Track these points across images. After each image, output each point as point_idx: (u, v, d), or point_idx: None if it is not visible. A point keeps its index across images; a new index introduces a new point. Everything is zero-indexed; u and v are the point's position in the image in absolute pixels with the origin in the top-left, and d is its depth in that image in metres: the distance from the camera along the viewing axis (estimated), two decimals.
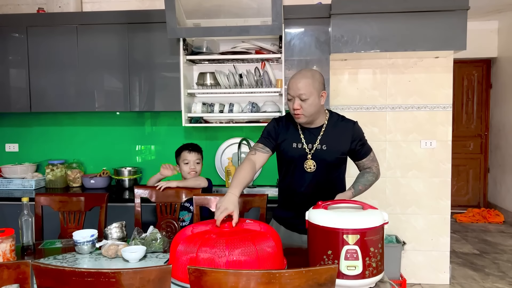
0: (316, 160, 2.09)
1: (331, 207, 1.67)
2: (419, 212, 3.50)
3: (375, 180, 2.19)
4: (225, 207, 1.78)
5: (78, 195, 2.38)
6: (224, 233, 1.63)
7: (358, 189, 2.11)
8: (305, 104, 1.98)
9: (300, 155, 2.10)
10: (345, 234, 1.52)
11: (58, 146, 3.75)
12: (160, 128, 3.67)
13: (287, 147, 2.13)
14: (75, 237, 2.01)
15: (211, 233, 1.62)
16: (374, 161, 2.21)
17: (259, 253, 1.52)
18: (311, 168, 2.10)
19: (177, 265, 1.55)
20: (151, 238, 2.02)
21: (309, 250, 1.64)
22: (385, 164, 3.51)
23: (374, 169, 2.20)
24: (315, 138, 2.10)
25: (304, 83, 1.97)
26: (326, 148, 2.08)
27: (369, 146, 2.20)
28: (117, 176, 3.51)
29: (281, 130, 2.16)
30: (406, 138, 3.49)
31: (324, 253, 1.55)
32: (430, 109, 3.46)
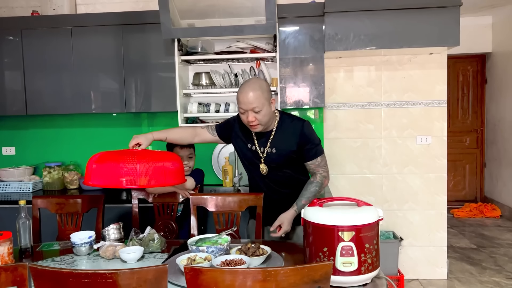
0: (267, 163, 2.16)
1: (326, 205, 1.68)
2: (416, 208, 3.52)
3: (319, 190, 2.14)
4: (137, 137, 2.03)
5: (75, 197, 2.39)
6: (128, 152, 1.83)
7: (301, 205, 2.09)
8: (259, 115, 2.03)
9: (254, 158, 2.18)
10: (340, 231, 1.53)
11: (55, 148, 3.75)
12: (157, 129, 3.66)
13: (242, 147, 2.22)
14: (72, 239, 2.02)
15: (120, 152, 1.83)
16: (321, 167, 2.16)
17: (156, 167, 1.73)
18: (264, 171, 2.18)
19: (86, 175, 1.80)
20: (149, 239, 2.03)
21: (305, 247, 1.66)
22: (381, 161, 3.53)
23: (319, 177, 2.14)
24: (266, 141, 2.16)
25: (254, 97, 1.99)
26: (276, 151, 2.13)
27: (319, 149, 2.16)
28: None
29: (236, 129, 2.24)
30: (401, 135, 3.51)
31: (319, 250, 1.56)
32: (425, 105, 3.47)
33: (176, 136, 2.25)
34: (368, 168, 3.54)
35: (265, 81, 2.12)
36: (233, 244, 1.92)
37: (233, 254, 1.74)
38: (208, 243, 1.86)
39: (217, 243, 1.86)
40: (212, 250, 1.76)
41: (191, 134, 2.29)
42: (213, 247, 1.77)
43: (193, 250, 1.79)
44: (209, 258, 1.70)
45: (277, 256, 1.82)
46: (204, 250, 1.76)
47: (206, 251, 1.76)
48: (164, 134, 2.19)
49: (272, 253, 1.83)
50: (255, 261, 1.72)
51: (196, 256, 1.70)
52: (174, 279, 1.58)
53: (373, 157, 3.53)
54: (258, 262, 1.73)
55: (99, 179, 1.73)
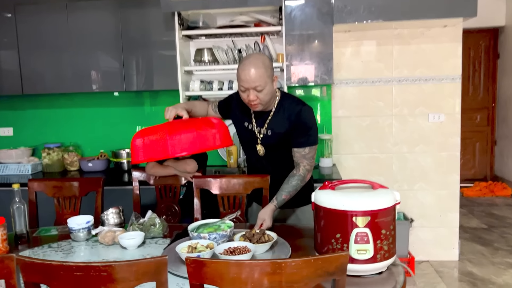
0: (264, 145, 2.05)
1: (339, 188, 1.56)
2: (427, 188, 3.40)
3: (301, 183, 1.97)
4: (174, 107, 1.88)
5: (73, 180, 2.28)
6: (172, 123, 1.74)
7: (282, 199, 1.93)
8: (261, 94, 1.89)
9: (251, 138, 2.07)
10: (355, 216, 1.42)
11: (54, 129, 3.64)
12: (159, 108, 3.55)
13: (240, 126, 2.11)
14: (69, 224, 1.92)
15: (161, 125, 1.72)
16: (307, 159, 1.98)
17: (199, 135, 1.64)
18: (261, 152, 2.07)
19: (133, 153, 1.67)
20: (150, 223, 1.93)
21: (316, 233, 1.55)
22: (391, 140, 3.39)
23: (302, 170, 1.97)
24: (263, 122, 2.03)
25: (257, 74, 1.84)
26: (271, 133, 2.01)
27: (311, 139, 1.98)
28: (115, 158, 3.41)
29: (234, 106, 2.13)
30: (413, 112, 3.36)
31: (332, 237, 1.45)
32: (438, 81, 3.31)
33: (197, 112, 2.14)
34: (377, 148, 3.41)
35: (267, 56, 1.97)
36: (237, 230, 1.81)
37: (236, 241, 1.64)
38: (210, 229, 1.75)
39: (219, 229, 1.75)
40: (214, 237, 1.65)
41: (204, 111, 2.21)
42: (215, 234, 1.66)
43: (194, 237, 1.69)
44: (211, 246, 1.59)
45: (283, 242, 1.72)
46: (205, 237, 1.66)
47: (208, 238, 1.65)
48: (190, 106, 2.07)
49: (278, 239, 1.72)
50: (260, 248, 1.61)
51: (197, 244, 1.59)
52: (174, 268, 1.48)
53: (383, 136, 3.39)
54: (264, 249, 1.63)
55: (149, 154, 1.64)
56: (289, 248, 1.66)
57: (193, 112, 2.07)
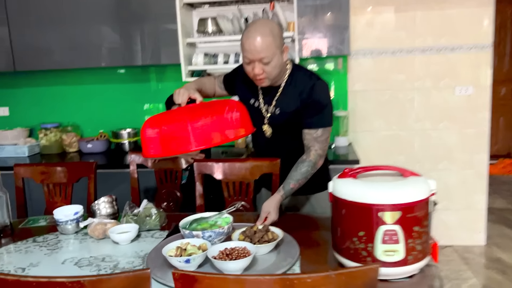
0: (271, 125, 1.80)
1: (361, 176, 1.32)
2: (452, 168, 3.13)
3: (311, 170, 1.71)
4: (185, 89, 1.58)
5: (61, 165, 2.07)
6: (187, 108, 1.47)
7: (289, 189, 1.69)
8: (268, 67, 1.62)
9: (257, 118, 1.79)
10: (382, 211, 1.18)
11: (51, 108, 3.43)
12: (164, 85, 3.30)
13: (245, 103, 1.83)
14: (56, 215, 1.72)
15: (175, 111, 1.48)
16: (318, 142, 1.72)
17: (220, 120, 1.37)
18: (267, 134, 1.82)
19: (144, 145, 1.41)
20: (145, 214, 1.71)
21: (334, 229, 1.31)
22: (413, 115, 3.11)
23: (313, 155, 1.71)
24: (271, 99, 1.76)
25: (264, 44, 1.57)
26: (279, 112, 1.76)
27: (325, 120, 1.73)
28: (115, 139, 3.20)
29: (239, 80, 1.87)
30: (437, 85, 3.06)
31: (353, 235, 1.22)
32: (466, 50, 3.00)
33: (207, 91, 1.91)
34: (397, 124, 3.13)
35: (276, 23, 1.69)
36: (237, 224, 1.58)
37: (235, 241, 1.41)
38: (204, 225, 1.53)
39: (216, 226, 1.52)
40: (209, 235, 1.42)
41: (213, 88, 1.96)
42: (210, 232, 1.42)
43: (186, 235, 1.45)
44: (204, 247, 1.36)
45: (290, 240, 1.48)
46: (199, 236, 1.42)
47: (202, 237, 1.42)
48: (199, 83, 1.83)
49: (285, 236, 1.49)
50: (262, 249, 1.39)
51: (187, 245, 1.37)
52: (159, 274, 1.26)
53: (404, 112, 3.11)
54: (266, 250, 1.40)
55: (167, 147, 1.38)
56: (297, 248, 1.42)
57: (203, 91, 1.83)
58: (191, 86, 1.68)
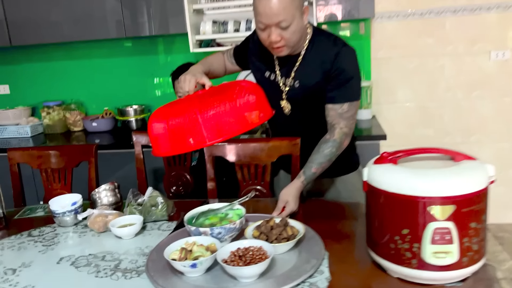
0: (290, 101, 1.56)
1: (403, 161, 1.09)
2: (485, 141, 2.88)
3: (336, 152, 1.48)
4: (192, 74, 1.36)
5: (59, 149, 1.88)
6: (196, 96, 1.26)
7: (311, 174, 1.47)
8: (287, 32, 1.37)
9: (274, 92, 1.55)
10: (431, 205, 0.96)
11: (53, 85, 3.24)
12: (173, 57, 3.08)
13: (259, 76, 1.62)
14: (52, 206, 1.54)
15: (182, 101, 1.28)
16: (344, 119, 1.48)
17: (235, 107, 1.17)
18: (286, 111, 1.58)
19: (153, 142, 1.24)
20: (150, 204, 1.53)
21: (370, 224, 1.11)
22: (442, 84, 2.84)
23: (337, 134, 1.48)
24: (289, 70, 1.52)
25: (281, 5, 1.32)
26: (299, 85, 1.52)
27: (352, 93, 1.49)
28: (121, 116, 3.01)
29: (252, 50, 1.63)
30: (471, 50, 2.78)
31: (396, 233, 1.01)
32: (503, 9, 2.69)
33: (216, 71, 1.68)
34: (426, 94, 2.87)
35: None
36: (251, 215, 1.37)
37: (249, 239, 1.21)
38: (213, 220, 1.33)
39: (226, 220, 1.32)
40: (218, 232, 1.22)
41: (222, 67, 1.72)
42: (220, 228, 1.22)
43: (192, 231, 1.25)
44: (212, 248, 1.16)
45: (313, 235, 1.26)
46: (206, 233, 1.22)
47: (210, 234, 1.22)
48: (206, 64, 1.60)
49: (307, 231, 1.27)
50: (280, 248, 1.19)
51: (193, 245, 1.17)
52: (161, 282, 1.09)
53: (433, 80, 2.84)
54: (285, 249, 1.20)
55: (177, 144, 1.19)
56: (321, 245, 1.21)
57: (211, 72, 1.60)
58: (198, 70, 1.45)
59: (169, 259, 1.13)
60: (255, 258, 1.11)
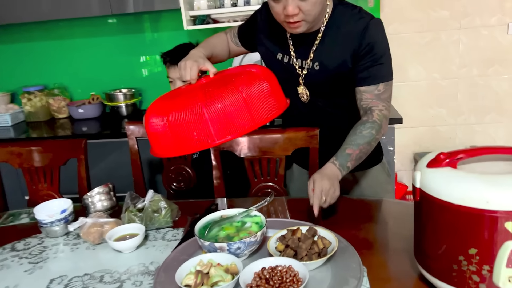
0: (309, 87, 1.34)
1: (464, 163, 0.91)
2: (501, 120, 2.72)
3: (376, 135, 1.25)
4: (193, 60, 1.14)
5: (42, 144, 1.66)
6: (200, 86, 1.07)
7: (345, 155, 1.21)
8: (307, 3, 1.15)
9: (288, 77, 1.35)
10: (508, 220, 0.78)
11: (33, 68, 2.97)
12: (156, 34, 2.83)
13: (270, 58, 1.39)
14: (38, 215, 1.34)
15: (184, 92, 1.09)
16: (382, 100, 1.28)
17: (247, 98, 0.99)
18: (304, 98, 1.37)
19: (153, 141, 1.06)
20: (152, 209, 1.33)
21: (423, 240, 0.93)
22: (457, 61, 2.65)
23: (377, 115, 1.26)
24: (307, 51, 1.30)
25: None
26: (320, 67, 1.30)
27: (386, 71, 1.29)
28: (110, 102, 2.77)
29: (261, 29, 1.40)
30: (488, 22, 2.58)
31: (459, 252, 0.83)
32: None
33: (219, 55, 1.46)
34: (439, 72, 2.68)
35: None
36: (268, 220, 1.16)
37: (275, 256, 1.01)
38: (229, 230, 1.13)
39: (243, 229, 1.13)
40: (237, 248, 1.03)
41: (226, 49, 1.50)
42: (239, 243, 1.02)
43: (205, 247, 1.05)
44: (233, 270, 0.97)
45: (346, 246, 1.07)
46: (223, 249, 1.03)
47: (228, 250, 1.03)
48: (208, 47, 1.37)
49: (340, 243, 1.07)
50: (311, 266, 1.00)
51: (210, 267, 0.98)
52: None
53: (447, 56, 2.65)
54: (316, 266, 1.02)
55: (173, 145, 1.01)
56: (357, 258, 1.02)
57: (214, 56, 1.38)
58: (199, 54, 1.23)
59: (183, 286, 0.94)
60: (285, 281, 0.93)
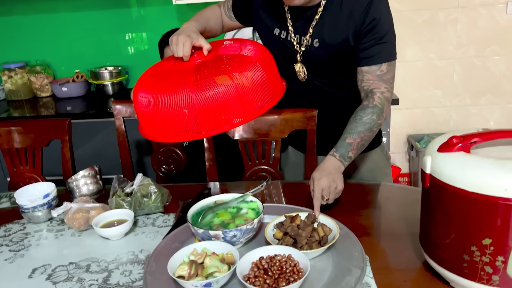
0: (307, 64, 1.27)
1: (478, 148, 0.85)
2: (497, 102, 2.68)
3: (378, 120, 1.18)
4: (186, 35, 1.04)
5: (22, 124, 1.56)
6: (191, 68, 0.99)
7: (345, 144, 1.15)
8: None
9: (285, 54, 1.28)
10: None
11: (13, 44, 2.82)
12: (143, 10, 2.69)
13: (266, 34, 1.32)
14: (18, 199, 1.26)
15: (175, 71, 1.03)
16: (384, 81, 1.21)
17: (238, 86, 0.93)
18: (301, 77, 1.29)
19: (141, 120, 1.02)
20: (141, 194, 1.26)
21: (432, 228, 0.88)
22: (454, 41, 2.59)
23: (377, 99, 1.19)
24: (306, 26, 1.23)
25: None
26: (319, 44, 1.22)
27: (389, 50, 1.22)
28: (95, 80, 2.65)
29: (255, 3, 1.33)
30: (486, 1, 2.51)
31: (473, 242, 0.78)
32: None
33: (213, 29, 1.37)
34: (436, 52, 2.61)
35: None
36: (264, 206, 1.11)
37: (273, 245, 0.96)
38: (223, 215, 1.07)
39: (239, 216, 1.07)
40: (233, 236, 0.97)
41: (220, 22, 1.42)
42: (235, 231, 0.97)
43: (199, 234, 0.99)
44: (229, 260, 0.92)
45: (347, 233, 1.02)
46: (218, 237, 0.97)
47: (223, 238, 0.97)
48: (202, 21, 1.27)
49: (341, 229, 1.02)
50: (311, 254, 0.95)
51: (204, 257, 0.92)
52: None
53: (444, 36, 2.58)
54: (317, 254, 0.97)
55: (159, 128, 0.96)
56: (359, 246, 0.97)
57: (207, 30, 1.29)
58: (192, 29, 1.13)
59: (175, 277, 0.88)
60: (285, 272, 0.87)
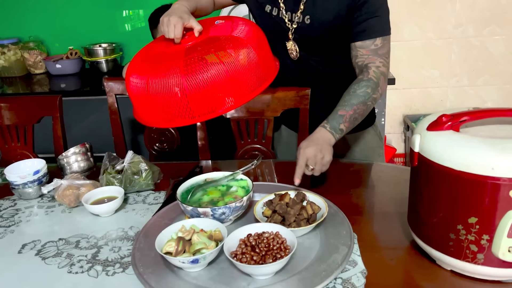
0: (298, 42, 1.25)
1: (467, 126, 0.84)
2: (494, 83, 2.66)
3: (372, 94, 1.14)
4: (177, 16, 1.03)
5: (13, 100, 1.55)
6: (182, 51, 0.98)
7: (337, 116, 1.11)
8: None
9: (276, 31, 1.26)
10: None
11: (6, 19, 2.78)
12: None
13: (258, 11, 1.29)
14: (9, 176, 1.25)
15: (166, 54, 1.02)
16: (380, 56, 1.18)
17: (230, 70, 0.93)
18: (293, 54, 1.28)
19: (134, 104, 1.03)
20: (132, 171, 1.25)
21: (419, 207, 0.88)
22: (452, 20, 2.55)
23: (373, 73, 1.16)
24: (297, 2, 1.20)
25: None
26: (310, 21, 1.20)
27: (383, 24, 1.19)
28: (89, 57, 2.62)
29: None
30: None
31: (458, 221, 0.79)
32: None
33: (204, 8, 1.33)
34: (434, 31, 2.58)
35: None
36: (258, 184, 1.11)
37: (262, 222, 0.95)
38: (213, 193, 1.07)
39: (229, 194, 1.07)
40: (222, 213, 0.97)
41: (211, 0, 1.38)
42: (224, 208, 0.97)
43: (188, 212, 0.99)
44: (217, 237, 0.92)
45: (336, 212, 1.02)
46: (207, 214, 0.97)
47: (212, 215, 0.97)
48: (193, 3, 1.23)
49: (330, 208, 1.03)
50: (299, 232, 0.95)
51: (192, 233, 0.92)
52: (154, 281, 0.85)
53: (443, 15, 2.54)
54: (304, 232, 0.97)
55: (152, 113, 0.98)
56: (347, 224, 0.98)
57: (199, 9, 1.25)
58: (183, 9, 1.10)
59: (163, 253, 0.88)
60: (272, 249, 0.88)
